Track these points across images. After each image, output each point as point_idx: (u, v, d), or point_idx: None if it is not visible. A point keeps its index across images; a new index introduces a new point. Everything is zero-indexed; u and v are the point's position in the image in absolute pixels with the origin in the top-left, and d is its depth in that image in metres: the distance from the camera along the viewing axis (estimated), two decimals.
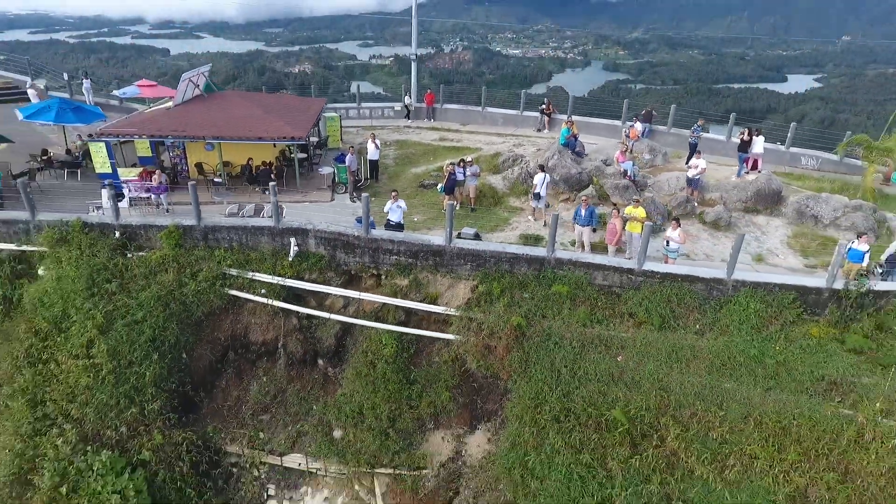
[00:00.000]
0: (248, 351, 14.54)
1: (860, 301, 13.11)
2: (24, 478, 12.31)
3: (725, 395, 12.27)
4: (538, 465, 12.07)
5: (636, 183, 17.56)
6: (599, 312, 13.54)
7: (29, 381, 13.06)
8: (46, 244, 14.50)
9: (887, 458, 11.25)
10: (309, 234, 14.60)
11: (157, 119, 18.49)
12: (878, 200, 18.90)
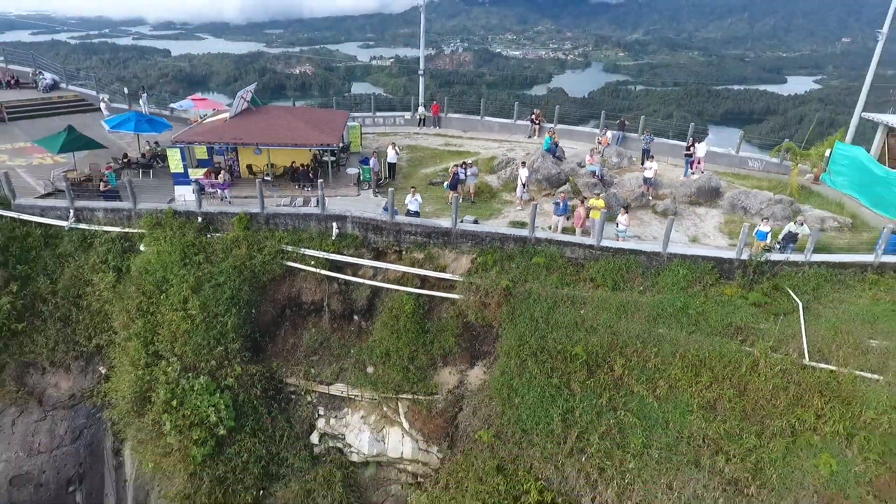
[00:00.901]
0: (300, 308, 19.18)
1: (760, 268, 17.79)
2: (144, 396, 16.96)
3: (659, 337, 16.91)
4: (520, 387, 16.71)
5: (603, 181, 22.27)
6: (567, 278, 18.20)
7: (140, 328, 17.71)
8: (146, 227, 19.16)
9: (773, 379, 15.90)
10: (347, 219, 19.28)
11: (218, 129, 23.17)
12: (799, 195, 23.62)
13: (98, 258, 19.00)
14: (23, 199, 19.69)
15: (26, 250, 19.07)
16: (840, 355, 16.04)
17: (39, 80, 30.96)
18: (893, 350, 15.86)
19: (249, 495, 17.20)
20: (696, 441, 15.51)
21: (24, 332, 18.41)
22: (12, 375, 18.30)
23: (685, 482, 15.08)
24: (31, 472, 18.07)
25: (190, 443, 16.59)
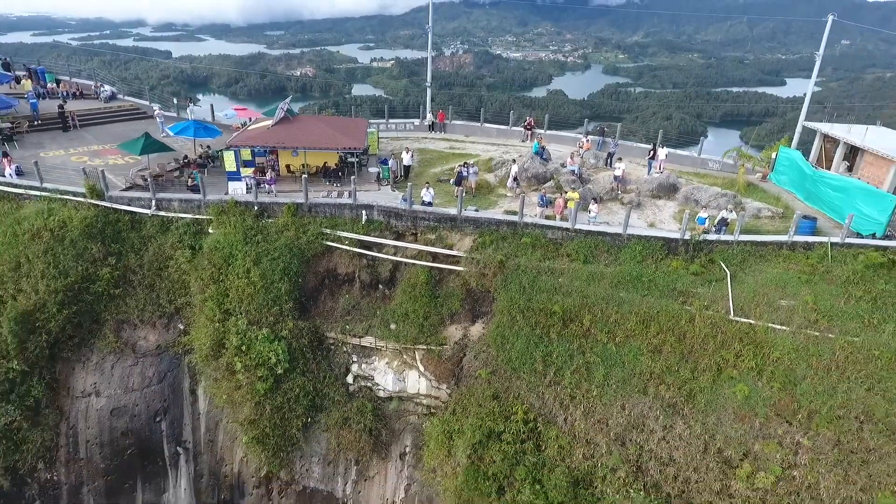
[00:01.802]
0: (336, 279, 24.37)
1: (699, 246, 23.02)
2: (219, 344, 22.15)
3: (619, 298, 22.09)
4: (511, 336, 21.86)
5: (581, 178, 27.51)
6: (548, 254, 23.40)
7: (214, 292, 22.89)
8: (213, 214, 24.37)
9: (705, 329, 21.06)
10: (374, 208, 24.49)
11: (263, 135, 28.37)
12: (745, 191, 28.88)
13: (175, 239, 24.23)
14: (113, 191, 24.88)
15: (118, 232, 24.27)
16: (757, 312, 21.26)
17: (101, 91, 36.25)
18: (797, 308, 21.10)
19: (300, 420, 22.42)
20: (645, 375, 20.68)
21: (119, 296, 23.59)
22: (111, 330, 23.44)
23: (634, 405, 20.27)
24: (127, 406, 23.20)
25: (255, 379, 21.79)
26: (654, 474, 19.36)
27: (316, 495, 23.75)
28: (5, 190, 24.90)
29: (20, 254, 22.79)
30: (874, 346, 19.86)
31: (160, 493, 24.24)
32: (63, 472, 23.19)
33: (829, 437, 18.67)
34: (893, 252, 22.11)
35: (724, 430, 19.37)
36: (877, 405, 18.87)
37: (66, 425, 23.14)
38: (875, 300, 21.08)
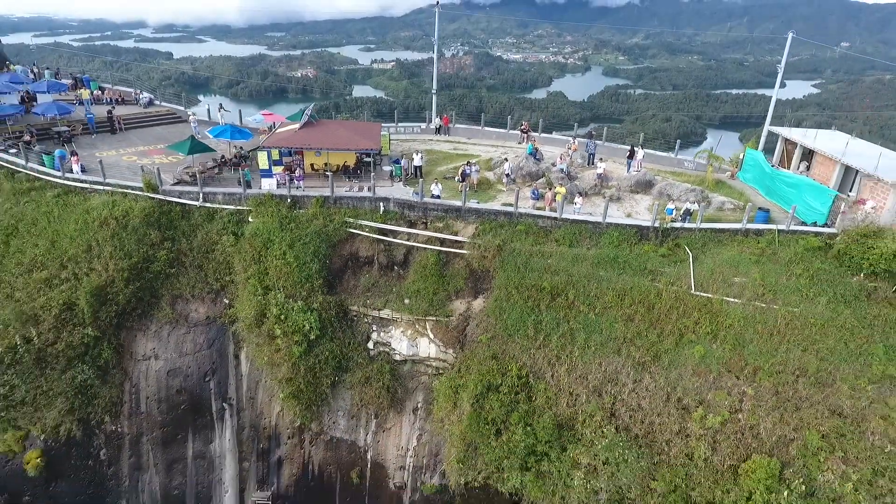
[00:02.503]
0: (358, 261, 28.74)
1: (666, 233, 27.43)
2: (261, 314, 26.52)
3: (598, 276, 26.48)
4: (507, 308, 26.21)
5: (569, 176, 31.93)
6: (539, 239, 27.79)
7: (255, 271, 27.27)
8: (252, 205, 28.76)
9: (670, 302, 25.45)
10: (390, 200, 28.89)
11: (292, 137, 32.78)
12: (713, 187, 33.30)
13: (220, 226, 28.63)
14: (165, 186, 29.28)
15: (171, 221, 28.67)
16: (714, 287, 25.67)
17: (140, 98, 40.69)
18: (747, 284, 25.50)
19: (329, 379, 26.80)
20: (619, 339, 25.03)
21: (173, 275, 27.94)
22: (168, 303, 27.76)
23: (609, 363, 24.61)
24: (181, 367, 27.54)
25: (292, 343, 26.16)
26: (625, 418, 23.70)
27: (341, 444, 28.12)
28: (74, 185, 29.33)
29: (91, 238, 27.18)
30: (810, 315, 24.29)
31: (208, 443, 28.58)
32: (126, 424, 27.53)
33: (770, 388, 23.02)
34: (828, 237, 26.56)
35: (683, 383, 23.73)
36: (810, 362, 23.29)
37: (130, 384, 27.48)
38: (812, 277, 25.50)
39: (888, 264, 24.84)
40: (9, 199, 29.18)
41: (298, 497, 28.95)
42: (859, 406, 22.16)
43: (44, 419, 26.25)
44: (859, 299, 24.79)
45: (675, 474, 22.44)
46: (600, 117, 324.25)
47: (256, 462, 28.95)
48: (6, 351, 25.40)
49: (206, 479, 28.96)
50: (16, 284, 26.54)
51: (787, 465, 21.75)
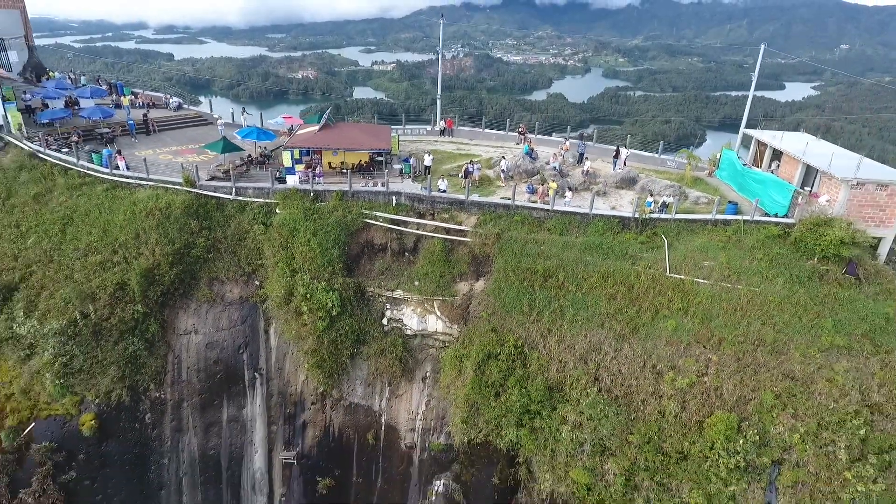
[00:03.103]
0: (373, 248, 32.76)
1: (645, 223, 31.47)
2: (289, 294, 30.52)
3: (586, 261, 30.50)
4: (505, 288, 30.21)
5: (561, 173, 35.98)
6: (534, 228, 31.81)
7: (283, 256, 31.25)
8: (279, 199, 32.78)
9: (647, 282, 29.48)
10: (401, 194, 32.92)
11: (312, 138, 36.81)
12: (691, 183, 37.34)
13: (251, 217, 32.67)
14: (201, 181, 33.29)
15: (207, 212, 32.69)
16: (686, 270, 29.70)
17: (170, 102, 44.77)
18: (715, 267, 29.51)
19: (349, 351, 30.81)
20: (602, 315, 28.99)
21: (211, 260, 31.94)
22: (206, 284, 31.73)
23: (594, 335, 28.55)
24: (217, 341, 31.52)
25: (317, 319, 30.15)
26: (607, 382, 27.67)
27: (359, 409, 32.09)
28: (121, 180, 33.38)
29: (139, 227, 31.21)
30: (769, 294, 28.34)
31: (240, 408, 32.51)
32: (169, 391, 31.47)
33: (732, 356, 26.98)
34: (786, 227, 30.63)
35: (657, 351, 27.69)
36: (767, 334, 27.28)
37: (173, 355, 31.43)
38: (771, 261, 29.56)
39: (837, 249, 28.93)
40: (63, 192, 33.20)
41: (320, 456, 32.91)
42: (808, 371, 26.10)
43: (97, 385, 30.22)
44: (812, 280, 28.84)
45: (649, 428, 26.38)
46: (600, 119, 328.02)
47: (283, 425, 32.93)
48: (67, 325, 29.36)
49: (239, 441, 32.93)
50: (74, 267, 30.54)
51: (745, 420, 25.70)
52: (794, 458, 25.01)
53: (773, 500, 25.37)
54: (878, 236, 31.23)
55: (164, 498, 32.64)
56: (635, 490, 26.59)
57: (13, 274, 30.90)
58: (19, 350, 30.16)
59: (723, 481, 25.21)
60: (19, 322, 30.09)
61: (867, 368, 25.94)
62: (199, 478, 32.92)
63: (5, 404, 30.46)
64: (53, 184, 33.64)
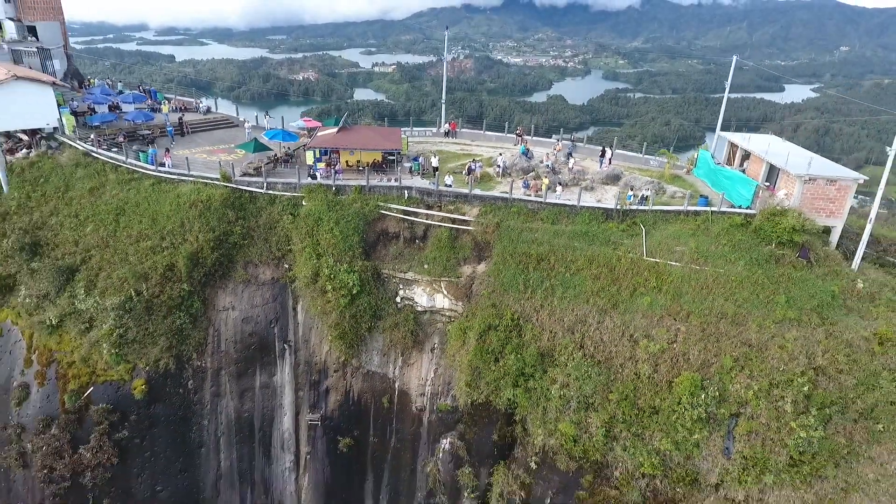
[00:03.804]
0: (387, 235, 37.74)
1: (626, 214, 36.48)
2: (315, 274, 35.50)
3: (574, 246, 35.50)
4: (503, 270, 35.16)
5: (553, 170, 40.99)
6: (529, 218, 36.81)
7: (309, 242, 36.22)
8: (304, 192, 37.79)
9: (627, 265, 34.50)
10: (412, 189, 37.94)
11: (331, 139, 41.84)
12: (670, 180, 42.36)
13: (280, 209, 37.64)
14: (236, 177, 38.28)
15: (242, 204, 37.68)
16: (660, 254, 34.68)
17: (200, 106, 49.82)
18: (685, 251, 34.49)
19: (367, 325, 35.78)
20: (587, 292, 33.92)
21: (245, 245, 36.87)
22: (241, 267, 36.66)
23: (580, 309, 33.48)
24: (252, 316, 36.47)
25: (339, 297, 35.11)
26: (590, 349, 32.58)
27: (375, 376, 37.02)
28: (165, 175, 38.40)
29: (183, 216, 36.19)
30: (731, 274, 33.28)
31: (271, 375, 37.45)
32: (209, 360, 36.40)
33: (698, 326, 31.87)
34: (748, 216, 35.62)
35: (634, 323, 32.59)
36: (729, 308, 32.18)
37: (213, 329, 36.37)
38: (734, 246, 34.54)
39: (790, 236, 33.92)
40: (115, 187, 38.20)
41: (341, 418, 37.81)
42: (763, 339, 31.02)
43: (148, 355, 35.16)
44: (769, 263, 33.81)
45: (626, 387, 31.32)
46: (600, 121, 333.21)
47: (309, 391, 37.81)
48: (124, 301, 34.32)
49: (270, 405, 37.83)
50: (128, 251, 35.52)
51: (707, 380, 30.61)
52: (749, 411, 29.89)
53: (731, 446, 30.30)
54: (830, 225, 36.21)
55: (203, 455, 37.58)
56: (614, 440, 31.52)
57: (75, 257, 35.92)
58: (80, 324, 35.09)
59: (688, 431, 30.11)
60: (80, 299, 35.05)
61: (813, 337, 30.74)
62: (235, 437, 37.87)
63: (67, 371, 35.41)
64: (106, 179, 38.66)
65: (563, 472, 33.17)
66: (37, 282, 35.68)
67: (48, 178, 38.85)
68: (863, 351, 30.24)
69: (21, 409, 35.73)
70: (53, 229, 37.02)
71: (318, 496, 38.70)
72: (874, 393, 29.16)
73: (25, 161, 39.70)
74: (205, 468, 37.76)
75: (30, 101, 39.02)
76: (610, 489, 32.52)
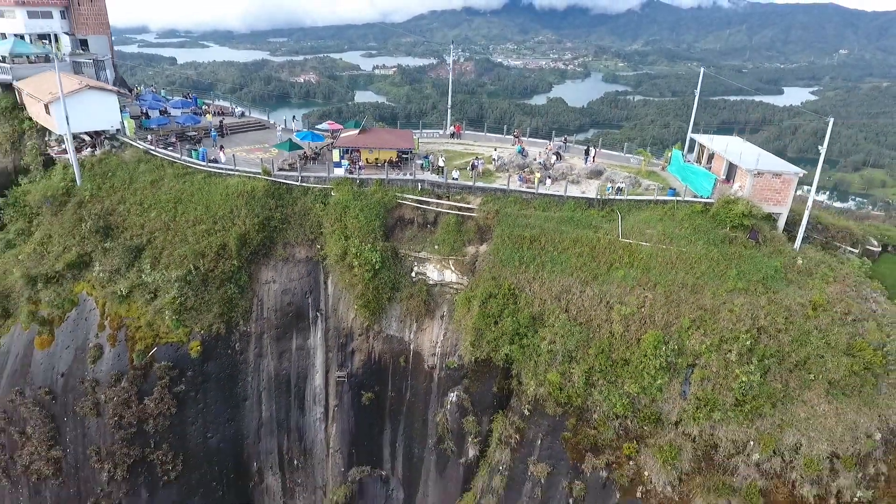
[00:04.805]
0: (403, 221, 45.36)
1: (605, 202, 44.17)
2: (344, 253, 43.11)
3: (561, 230, 43.15)
4: (502, 249, 42.73)
5: (545, 166, 48.67)
6: (524, 206, 44.47)
7: (338, 226, 43.85)
8: (333, 185, 45.46)
9: (606, 245, 42.16)
10: (424, 182, 45.62)
11: (354, 139, 49.50)
12: (646, 175, 50.04)
13: (312, 198, 45.29)
14: (274, 172, 45.89)
15: (280, 194, 45.32)
16: (633, 235, 42.32)
17: (235, 111, 57.54)
18: (654, 234, 42.12)
19: (387, 295, 43.39)
20: (572, 268, 41.49)
21: (283, 229, 44.46)
22: (280, 247, 44.20)
23: (566, 281, 41.03)
24: (290, 288, 44.04)
25: (364, 272, 42.70)
26: (573, 312, 40.08)
27: (393, 339, 44.57)
28: (214, 170, 46.08)
29: (232, 204, 43.83)
30: (691, 252, 40.85)
31: (306, 339, 45.02)
32: (253, 325, 43.95)
33: (663, 294, 39.38)
34: (707, 205, 43.30)
35: (610, 292, 40.08)
36: (689, 280, 39.70)
37: (257, 299, 43.93)
38: (695, 229, 42.15)
39: (741, 220, 41.55)
40: (172, 179, 45.85)
41: (364, 375, 45.34)
42: (716, 304, 38.50)
43: (203, 320, 42.71)
44: (724, 243, 41.38)
45: (602, 343, 38.79)
46: (600, 123, 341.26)
47: (337, 352, 45.34)
48: (184, 274, 41.88)
49: (304, 364, 45.40)
50: (187, 233, 43.13)
51: (668, 337, 38.05)
52: (702, 362, 37.33)
53: (687, 390, 37.77)
54: (777, 212, 43.83)
55: (247, 407, 45.15)
56: (592, 386, 38.96)
57: (141, 238, 43.56)
58: (146, 294, 42.65)
59: (652, 378, 37.54)
60: (146, 273, 42.61)
61: (758, 303, 38.21)
62: (274, 392, 45.45)
63: (135, 334, 42.93)
64: (164, 173, 46.32)
65: (551, 417, 40.59)
66: (109, 259, 43.22)
67: (115, 173, 46.49)
68: (798, 315, 37.63)
69: (95, 366, 43.17)
70: (122, 215, 44.62)
71: (344, 442, 46.21)
72: (806, 348, 36.45)
73: (94, 158, 47.35)
74: (248, 418, 45.33)
75: (99, 107, 46.74)
76: (590, 429, 39.91)
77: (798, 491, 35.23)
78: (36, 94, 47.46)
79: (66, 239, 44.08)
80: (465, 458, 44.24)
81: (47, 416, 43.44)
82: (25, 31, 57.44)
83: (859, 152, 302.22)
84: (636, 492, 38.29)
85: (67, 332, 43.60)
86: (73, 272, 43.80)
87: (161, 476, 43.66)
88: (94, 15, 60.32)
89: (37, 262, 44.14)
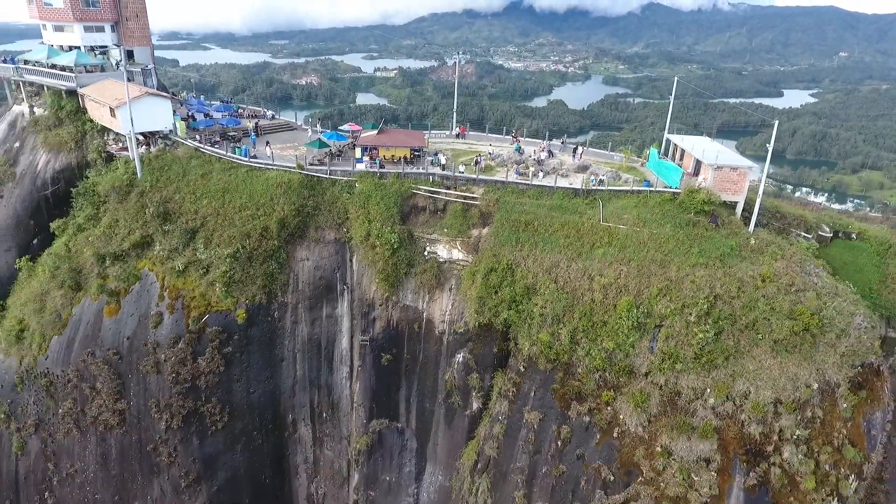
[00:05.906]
0: (418, 208, 54.25)
1: (589, 192, 53.12)
2: (367, 234, 52.03)
3: (551, 216, 52.14)
4: (501, 232, 51.67)
5: (539, 162, 57.62)
6: (520, 196, 53.42)
7: (362, 213, 52.76)
8: (357, 178, 54.41)
9: (589, 228, 51.20)
10: (435, 174, 54.54)
11: (373, 138, 58.48)
12: (626, 170, 59.01)
13: (339, 189, 54.22)
14: (306, 166, 54.77)
15: (312, 185, 54.25)
16: (613, 220, 51.32)
17: (266, 114, 66.50)
18: (630, 218, 51.10)
19: (403, 270, 52.28)
20: (560, 246, 50.41)
21: (315, 215, 53.32)
22: (313, 230, 52.99)
23: (555, 257, 49.95)
24: (321, 265, 52.86)
25: (384, 250, 51.59)
26: (562, 283, 48.91)
27: (409, 308, 53.38)
28: (255, 165, 55.02)
29: (272, 193, 52.76)
30: (661, 234, 49.74)
31: (334, 308, 53.83)
32: (290, 296, 52.75)
33: (636, 267, 48.22)
34: (675, 194, 52.24)
35: (592, 266, 48.95)
36: (658, 256, 48.68)
37: (293, 274, 52.74)
38: (664, 214, 51.06)
39: (702, 207, 50.45)
40: (219, 173, 54.78)
41: (384, 340, 54.14)
42: (680, 276, 47.33)
43: (247, 292, 51.54)
44: (689, 226, 50.22)
45: (584, 308, 47.62)
46: (600, 125, 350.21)
47: (361, 319, 54.16)
48: (233, 252, 50.72)
49: (333, 330, 54.23)
50: (234, 218, 52.03)
51: (640, 302, 46.88)
52: (668, 323, 46.10)
53: (654, 346, 46.54)
54: (734, 201, 52.71)
55: (284, 367, 53.98)
56: (577, 344, 47.74)
57: (195, 222, 52.45)
58: (200, 269, 51.46)
59: (625, 336, 46.34)
60: (200, 251, 51.43)
61: (715, 275, 46.94)
62: (307, 354, 54.28)
63: (190, 303, 51.74)
64: (212, 167, 55.27)
65: (543, 372, 49.36)
66: (168, 239, 52.09)
67: (170, 167, 55.43)
68: (749, 285, 46.35)
69: (156, 331, 51.95)
70: (178, 203, 53.53)
71: (366, 398, 55.01)
72: (755, 312, 45.05)
73: (150, 154, 56.31)
74: (285, 376, 54.18)
75: (156, 110, 55.72)
76: (574, 381, 48.67)
77: (746, 429, 43.69)
78: (101, 99, 56.42)
79: (131, 223, 52.99)
80: (470, 411, 53.02)
81: (114, 373, 52.17)
82: (81, 43, 66.42)
83: (858, 154, 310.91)
84: (613, 432, 47.04)
85: (132, 301, 52.41)
86: (136, 251, 52.68)
87: (210, 426, 52.43)
88: (139, 28, 69.42)
89: (106, 242, 53.03)
